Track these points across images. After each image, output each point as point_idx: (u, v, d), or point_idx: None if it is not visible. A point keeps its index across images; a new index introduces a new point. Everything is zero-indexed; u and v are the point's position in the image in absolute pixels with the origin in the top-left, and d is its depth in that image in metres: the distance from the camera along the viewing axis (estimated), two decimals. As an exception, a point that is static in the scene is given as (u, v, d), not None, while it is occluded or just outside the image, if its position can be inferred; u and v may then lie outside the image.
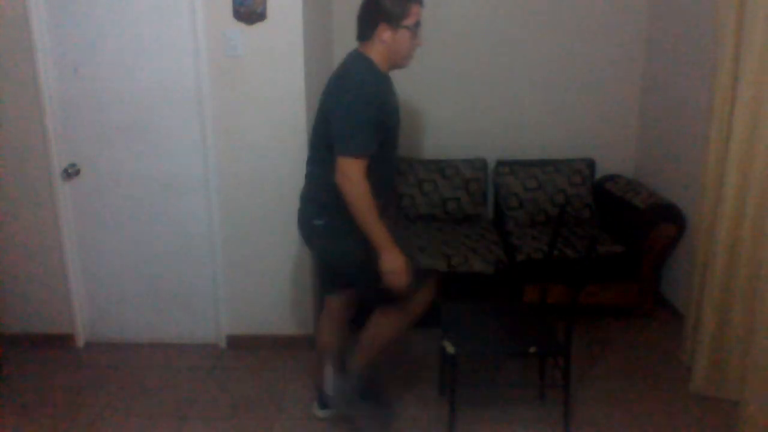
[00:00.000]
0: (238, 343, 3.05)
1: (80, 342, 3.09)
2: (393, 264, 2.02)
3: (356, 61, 2.09)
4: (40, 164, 2.85)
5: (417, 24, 2.07)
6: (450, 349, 2.25)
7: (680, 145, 3.26)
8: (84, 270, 3.01)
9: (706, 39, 2.93)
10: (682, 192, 3.19)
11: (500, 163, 3.68)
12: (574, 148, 3.76)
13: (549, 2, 3.59)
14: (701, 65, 2.99)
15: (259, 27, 2.67)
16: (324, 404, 2.49)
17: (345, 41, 3.63)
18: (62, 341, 3.06)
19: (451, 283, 3.02)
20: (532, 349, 2.26)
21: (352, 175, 1.95)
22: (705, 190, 2.58)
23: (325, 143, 2.06)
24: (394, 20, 2.02)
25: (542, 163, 3.65)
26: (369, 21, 2.06)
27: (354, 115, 1.98)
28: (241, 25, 2.67)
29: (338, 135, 2.00)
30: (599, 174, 3.74)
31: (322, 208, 2.14)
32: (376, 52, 2.07)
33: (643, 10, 3.58)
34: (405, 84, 3.33)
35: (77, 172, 2.88)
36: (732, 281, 2.47)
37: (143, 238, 2.96)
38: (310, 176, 2.23)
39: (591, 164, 3.68)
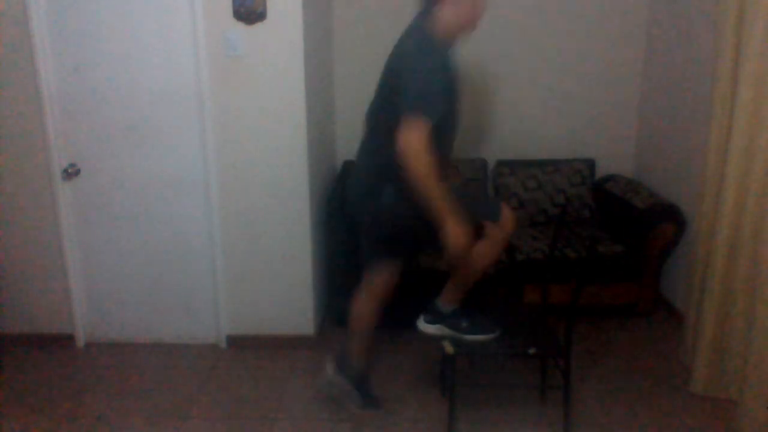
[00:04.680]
0: (238, 343, 3.05)
1: (80, 342, 3.09)
2: (454, 235, 2.01)
3: (422, 31, 2.07)
4: (40, 164, 2.85)
5: None
6: (449, 349, 2.25)
7: (680, 145, 3.26)
8: (84, 270, 3.01)
9: (706, 39, 2.93)
10: (682, 192, 3.20)
11: (500, 163, 3.68)
12: (574, 148, 3.76)
13: (549, 2, 3.59)
14: (701, 65, 2.99)
15: (259, 27, 2.67)
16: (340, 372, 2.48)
17: (345, 41, 3.66)
18: (62, 341, 3.06)
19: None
20: (531, 350, 2.26)
21: (416, 139, 1.91)
22: (705, 190, 2.58)
23: (392, 113, 2.00)
24: None
25: (542, 163, 3.65)
26: None
27: (427, 79, 1.96)
28: (241, 25, 2.67)
29: (408, 96, 1.96)
30: (599, 174, 3.74)
31: (392, 181, 2.08)
32: (440, 22, 2.05)
33: (643, 10, 3.58)
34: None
35: (77, 172, 2.88)
36: (732, 281, 2.47)
37: (143, 238, 2.96)
38: (374, 150, 2.17)
39: (591, 164, 3.68)
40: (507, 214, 2.21)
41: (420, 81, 1.97)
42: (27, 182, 2.88)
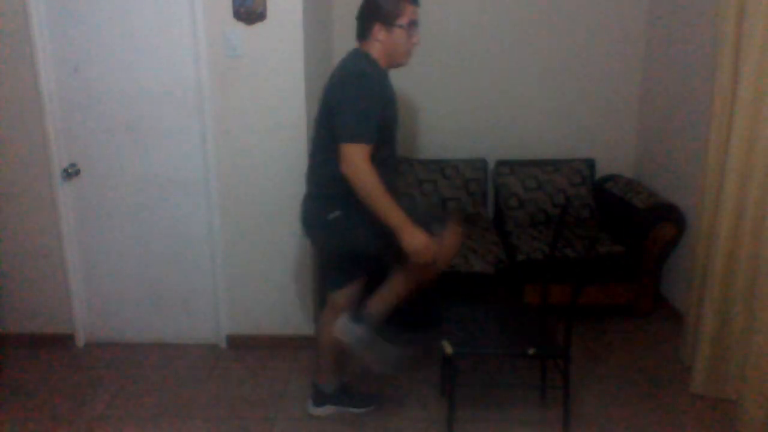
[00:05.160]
0: (238, 343, 3.05)
1: (80, 342, 3.09)
2: (415, 243, 2.02)
3: (356, 57, 2.15)
4: (40, 164, 2.85)
5: (412, 23, 2.11)
6: (449, 349, 2.25)
7: (680, 145, 3.26)
8: (84, 270, 3.01)
9: (706, 39, 2.93)
10: (682, 192, 3.20)
11: (500, 163, 3.68)
12: (574, 148, 3.76)
13: (549, 2, 3.59)
14: (701, 65, 2.99)
15: (259, 27, 2.67)
16: (319, 402, 2.51)
17: (345, 41, 3.63)
18: (62, 341, 3.07)
19: (451, 283, 3.02)
20: (531, 351, 2.26)
21: (358, 161, 1.97)
22: (705, 190, 2.58)
23: (330, 138, 2.07)
24: (388, 20, 2.08)
25: (542, 163, 3.65)
26: (365, 21, 2.13)
27: (356, 103, 2.01)
28: (241, 25, 2.67)
29: (341, 124, 2.02)
30: (599, 174, 3.74)
31: (335, 201, 2.13)
32: (374, 50, 2.13)
33: (643, 10, 3.59)
34: (405, 83, 3.34)
35: (77, 172, 2.88)
36: (732, 281, 2.47)
37: (143, 238, 2.96)
38: (316, 173, 2.22)
39: (591, 164, 3.68)
40: (450, 232, 2.20)
41: (354, 107, 2.01)
42: (27, 182, 2.88)
